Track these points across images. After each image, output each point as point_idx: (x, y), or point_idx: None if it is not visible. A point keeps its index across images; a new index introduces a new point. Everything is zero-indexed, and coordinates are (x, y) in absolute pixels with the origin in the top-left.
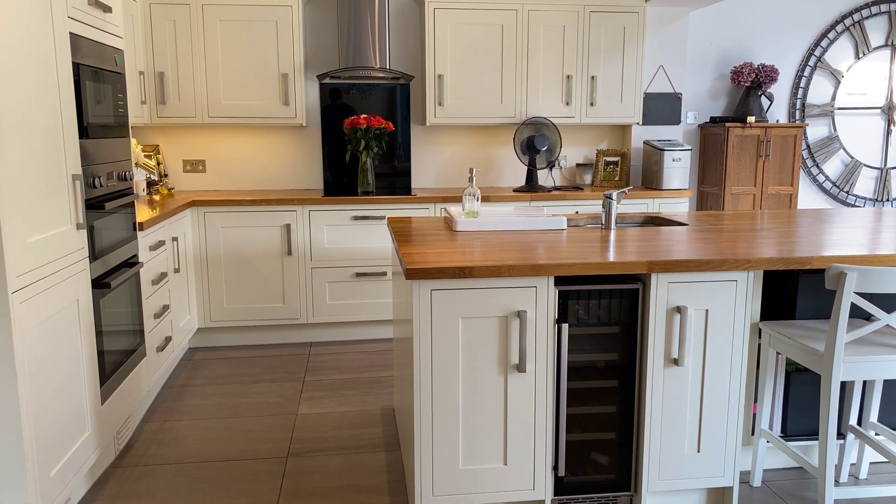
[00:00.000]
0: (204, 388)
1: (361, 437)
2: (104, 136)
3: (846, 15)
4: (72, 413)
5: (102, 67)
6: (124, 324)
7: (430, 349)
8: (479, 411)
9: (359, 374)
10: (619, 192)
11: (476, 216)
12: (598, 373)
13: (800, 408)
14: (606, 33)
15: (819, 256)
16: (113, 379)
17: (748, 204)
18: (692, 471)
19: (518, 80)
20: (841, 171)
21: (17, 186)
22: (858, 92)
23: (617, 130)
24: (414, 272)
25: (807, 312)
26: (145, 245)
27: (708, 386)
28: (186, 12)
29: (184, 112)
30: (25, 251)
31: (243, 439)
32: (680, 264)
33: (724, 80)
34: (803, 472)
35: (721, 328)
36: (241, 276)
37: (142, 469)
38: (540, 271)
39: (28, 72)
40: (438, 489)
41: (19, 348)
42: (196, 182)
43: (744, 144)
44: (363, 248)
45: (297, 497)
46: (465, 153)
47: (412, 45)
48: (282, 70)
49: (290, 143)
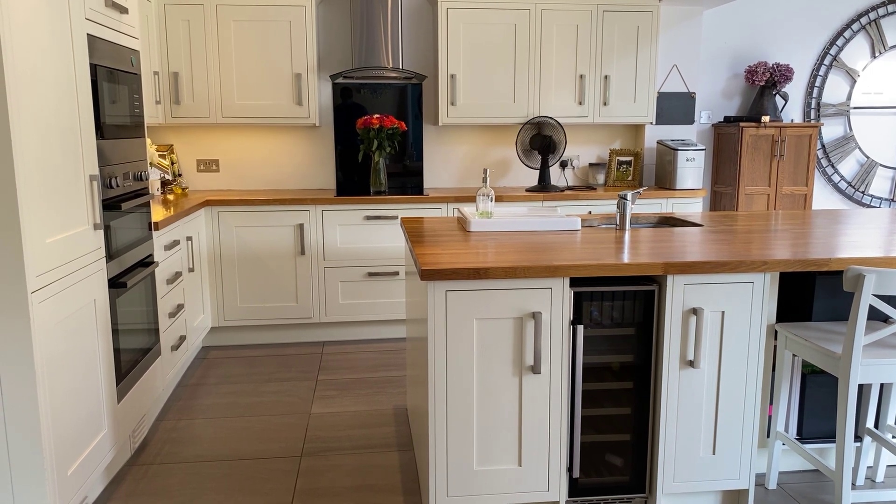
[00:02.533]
0: (218, 386)
1: (375, 437)
2: (120, 136)
3: (862, 13)
4: (88, 412)
5: (119, 68)
6: (140, 323)
7: (444, 350)
8: (493, 412)
9: (371, 374)
10: (634, 192)
11: (490, 216)
12: (613, 374)
13: (816, 410)
14: (620, 33)
15: (836, 258)
16: (129, 378)
17: (762, 204)
18: (707, 473)
19: (531, 79)
20: (856, 170)
21: (37, 187)
22: (874, 91)
23: (630, 130)
24: (429, 273)
25: (823, 314)
26: (160, 245)
27: (723, 388)
28: (200, 13)
29: (198, 112)
30: (44, 251)
31: (257, 438)
32: (696, 266)
33: (739, 80)
34: (819, 475)
35: (737, 330)
36: (255, 276)
37: (157, 468)
38: (555, 272)
39: (47, 73)
40: (453, 490)
41: (38, 347)
42: (209, 182)
43: (758, 144)
44: (376, 247)
45: (312, 496)
46: (477, 153)
47: (425, 45)
48: (295, 70)
49: (303, 142)
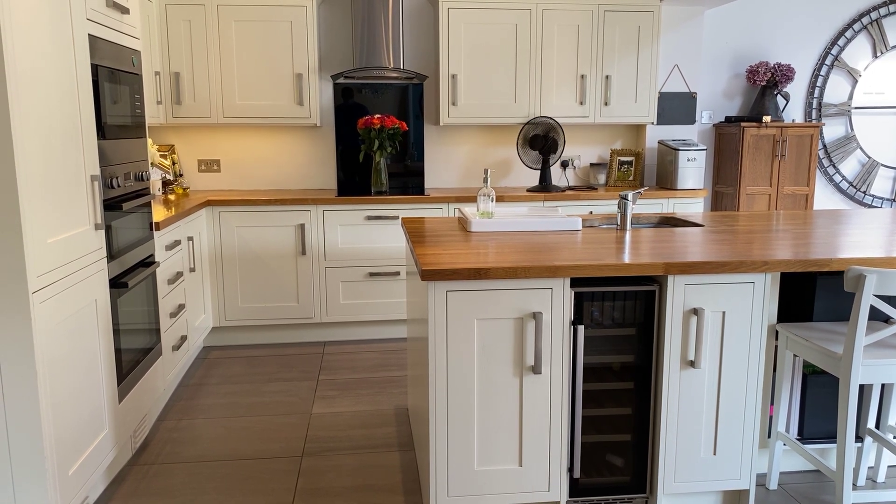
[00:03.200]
0: (219, 386)
1: (375, 437)
2: (121, 136)
3: (863, 13)
4: (90, 412)
5: (120, 68)
6: (141, 323)
7: (445, 350)
8: (494, 412)
9: (372, 374)
10: (635, 192)
11: (490, 217)
12: (613, 374)
13: (817, 410)
14: (621, 33)
15: (838, 259)
16: (130, 378)
17: (763, 204)
18: (708, 473)
19: (532, 79)
20: (858, 170)
21: (38, 187)
22: (876, 91)
23: (631, 130)
24: (429, 273)
25: (824, 315)
26: (161, 245)
27: (724, 388)
28: (202, 13)
29: (199, 112)
30: (46, 251)
31: (258, 438)
32: (697, 266)
33: (740, 80)
34: (820, 476)
35: (738, 330)
36: (256, 276)
37: (158, 467)
38: (556, 273)
39: (48, 73)
40: (453, 490)
41: (39, 347)
42: (211, 182)
43: (759, 144)
44: (376, 247)
45: (312, 496)
46: (478, 153)
47: (426, 45)
48: (296, 70)
49: (304, 142)
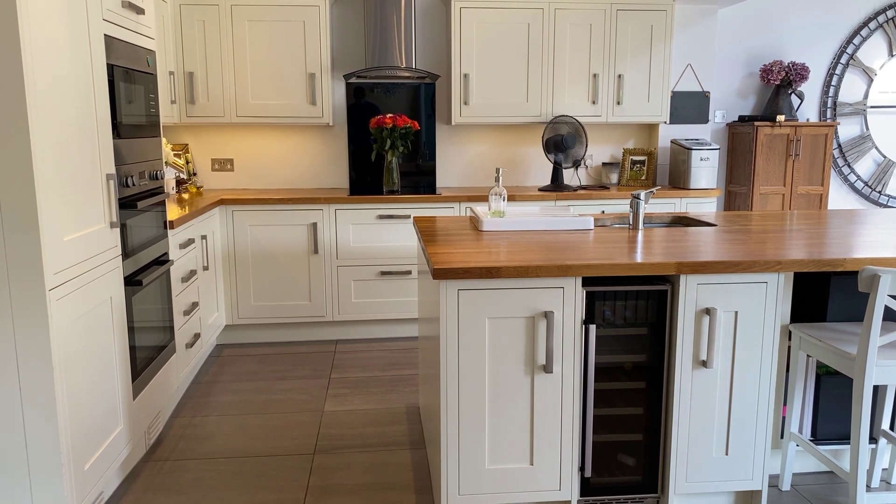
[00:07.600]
0: (231, 384)
1: (387, 435)
2: (136, 135)
3: (879, 11)
4: (105, 408)
5: (135, 68)
6: (155, 321)
7: (456, 349)
8: (505, 411)
9: (384, 372)
10: (648, 192)
11: (502, 216)
12: (625, 374)
13: (830, 411)
14: (634, 31)
15: (852, 258)
16: (144, 375)
17: (777, 204)
18: (720, 473)
19: (544, 78)
20: (873, 170)
21: (54, 186)
22: (892, 90)
23: (644, 129)
24: (441, 272)
25: (838, 315)
26: (175, 243)
27: (737, 388)
28: (216, 13)
29: (212, 111)
30: (62, 249)
31: (270, 435)
32: (709, 265)
33: (754, 79)
34: (834, 477)
35: (750, 330)
36: (269, 274)
37: (171, 464)
38: (568, 272)
39: (65, 73)
40: (465, 488)
41: (56, 345)
42: (224, 181)
43: (773, 143)
44: (388, 246)
45: (324, 493)
46: (490, 152)
47: (438, 45)
48: (309, 70)
49: (317, 142)
